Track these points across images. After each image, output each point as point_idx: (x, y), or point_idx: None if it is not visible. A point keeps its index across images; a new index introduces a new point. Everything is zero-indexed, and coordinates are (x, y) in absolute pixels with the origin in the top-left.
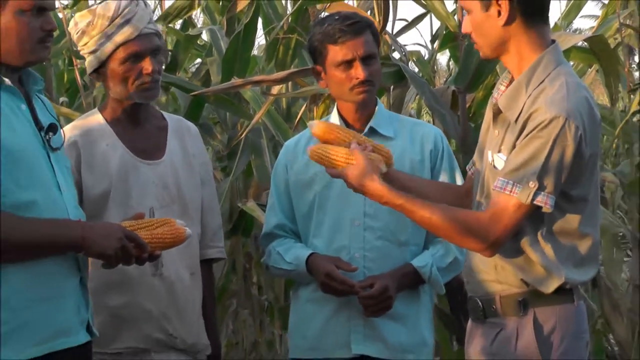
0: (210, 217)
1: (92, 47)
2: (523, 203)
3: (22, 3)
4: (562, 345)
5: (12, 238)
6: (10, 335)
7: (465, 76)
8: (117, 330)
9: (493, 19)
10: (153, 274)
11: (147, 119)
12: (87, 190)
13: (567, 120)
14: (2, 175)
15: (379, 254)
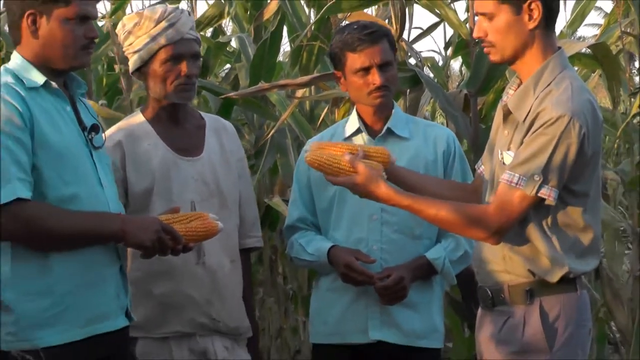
0: (248, 209)
1: (136, 47)
2: (528, 195)
3: (67, 12)
4: (567, 332)
5: (58, 229)
6: (56, 319)
7: (476, 81)
8: (163, 316)
9: (523, 22)
10: (196, 263)
11: (186, 118)
12: (132, 186)
13: (571, 119)
14: (48, 170)
15: (395, 246)
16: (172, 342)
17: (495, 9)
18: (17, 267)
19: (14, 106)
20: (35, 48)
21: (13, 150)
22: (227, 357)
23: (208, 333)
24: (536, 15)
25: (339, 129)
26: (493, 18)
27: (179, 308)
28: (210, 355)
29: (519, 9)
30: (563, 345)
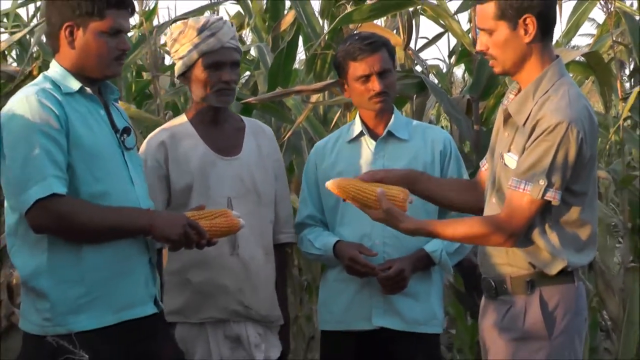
0: (282, 207)
1: (181, 54)
2: (535, 199)
3: (102, 25)
4: (565, 320)
5: (89, 222)
6: (89, 306)
7: (478, 86)
8: (199, 303)
9: (520, 37)
10: (230, 254)
11: (225, 121)
12: (173, 183)
13: (569, 125)
14: (82, 169)
15: (396, 240)
16: (208, 327)
17: (494, 24)
18: (52, 257)
19: (51, 110)
20: (71, 57)
21: (50, 150)
22: (260, 342)
23: (241, 320)
24: (531, 30)
25: (344, 132)
26: (492, 33)
27: (214, 296)
28: (243, 341)
29: (515, 25)
30: (561, 332)
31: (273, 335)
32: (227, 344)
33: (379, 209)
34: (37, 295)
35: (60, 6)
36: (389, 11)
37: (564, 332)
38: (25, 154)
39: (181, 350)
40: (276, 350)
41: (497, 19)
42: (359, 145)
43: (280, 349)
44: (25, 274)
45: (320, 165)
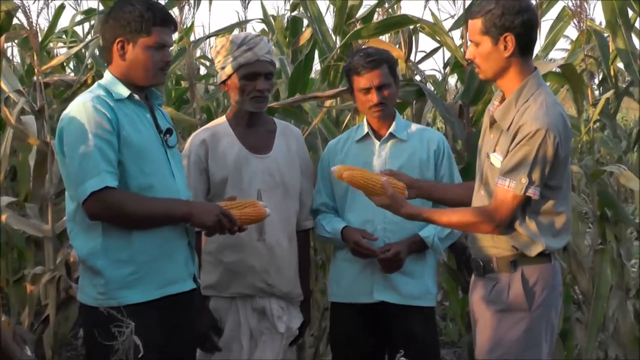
0: (307, 199)
1: (222, 64)
2: (518, 194)
3: (149, 41)
4: (543, 294)
5: (138, 212)
6: (137, 283)
7: (468, 94)
8: (230, 280)
9: (500, 51)
10: (258, 240)
11: (259, 123)
12: (212, 176)
13: (547, 131)
14: (130, 165)
15: (396, 226)
16: (238, 301)
17: (480, 38)
18: (106, 240)
19: (104, 114)
20: (122, 68)
21: (103, 149)
22: (282, 315)
23: (266, 295)
24: (510, 46)
25: (353, 133)
26: (478, 45)
27: (243, 274)
28: (267, 313)
29: (496, 40)
30: (540, 305)
31: (295, 309)
32: (254, 316)
33: (384, 195)
34: (93, 273)
35: (114, 24)
36: (392, 28)
37: (542, 305)
38: (83, 152)
39: (215, 319)
40: (297, 321)
41: (482, 33)
42: (366, 145)
43: (301, 320)
44: (83, 254)
45: (332, 161)
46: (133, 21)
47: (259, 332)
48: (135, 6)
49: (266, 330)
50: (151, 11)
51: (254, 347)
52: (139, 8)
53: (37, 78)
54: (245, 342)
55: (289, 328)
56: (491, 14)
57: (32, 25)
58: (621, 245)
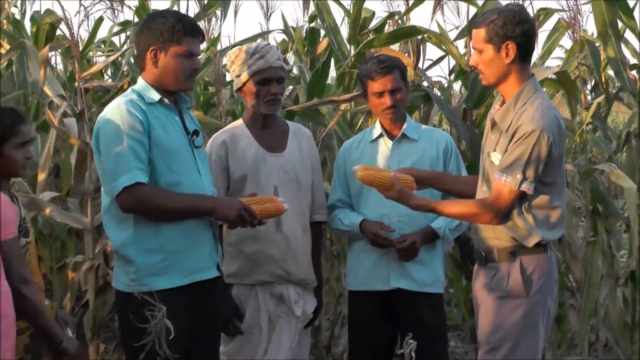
0: (318, 194)
1: (237, 72)
2: (513, 189)
3: (179, 49)
4: (539, 282)
5: (166, 205)
6: (166, 270)
7: (472, 98)
8: (250, 268)
9: (502, 58)
10: (275, 231)
11: (274, 125)
12: (232, 174)
13: (542, 132)
14: (160, 163)
15: (409, 219)
16: (257, 288)
17: (483, 46)
18: (137, 231)
19: (137, 116)
20: (154, 74)
21: (135, 148)
22: (298, 299)
23: (283, 282)
24: (511, 54)
25: (367, 134)
26: (481, 52)
27: (262, 263)
28: (285, 298)
29: (498, 48)
30: (537, 292)
31: (309, 294)
32: (272, 301)
33: (393, 190)
34: (125, 261)
35: (147, 34)
36: (402, 38)
37: (539, 292)
38: (117, 151)
39: (237, 305)
40: (311, 305)
41: (485, 42)
42: (379, 144)
43: (315, 304)
44: (116, 244)
45: (348, 160)
46: (165, 31)
47: (277, 316)
48: (168, 18)
49: (284, 314)
50: (182, 23)
51: (273, 330)
52: (171, 20)
53: (78, 84)
54: (265, 326)
55: (304, 312)
56: (494, 23)
57: (74, 36)
58: (611, 238)
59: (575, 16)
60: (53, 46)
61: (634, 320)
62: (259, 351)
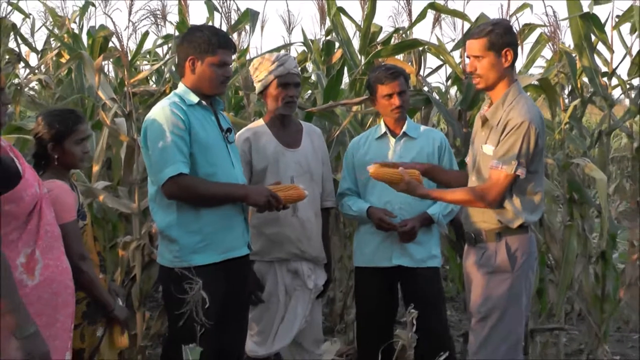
0: (328, 183)
1: (260, 78)
2: (509, 174)
3: (213, 59)
4: (522, 259)
5: (205, 193)
6: (204, 249)
7: (466, 101)
8: (270, 247)
9: (502, 63)
10: (292, 215)
11: (290, 124)
12: (254, 167)
13: (530, 123)
14: (199, 156)
15: (409, 206)
16: (275, 264)
17: (483, 53)
18: (180, 215)
19: (179, 116)
20: (192, 80)
21: (178, 143)
22: (311, 274)
23: (298, 259)
24: (509, 58)
25: (372, 132)
26: (481, 59)
27: (280, 243)
28: (299, 273)
29: (499, 54)
30: (520, 267)
31: (320, 269)
32: (288, 276)
33: (402, 182)
34: (169, 241)
35: (187, 45)
36: (406, 50)
37: (522, 268)
38: (162, 146)
39: (258, 278)
40: (322, 279)
41: (487, 49)
42: (383, 142)
43: (325, 278)
44: (161, 226)
45: (356, 154)
46: (202, 44)
47: (292, 289)
48: (204, 32)
49: (298, 287)
50: (216, 36)
51: (289, 300)
52: (207, 34)
53: (127, 89)
54: (282, 297)
55: (316, 285)
56: (494, 33)
57: (123, 48)
58: (585, 222)
59: (555, 30)
60: (106, 56)
61: (604, 293)
62: (277, 318)
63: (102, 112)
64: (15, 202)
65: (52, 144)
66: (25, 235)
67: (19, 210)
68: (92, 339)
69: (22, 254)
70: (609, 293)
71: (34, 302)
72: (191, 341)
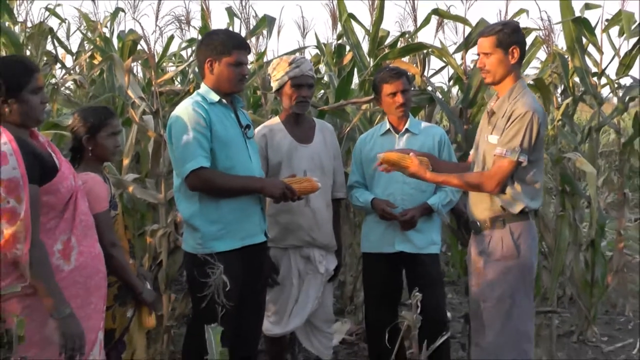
0: (338, 176)
1: (277, 77)
2: (513, 160)
3: (230, 60)
4: (526, 244)
5: (224, 185)
6: (224, 236)
7: (466, 100)
8: (284, 235)
9: (509, 60)
10: (305, 205)
11: (303, 122)
12: (270, 161)
13: (533, 113)
14: (219, 151)
15: (410, 197)
16: (289, 250)
17: (492, 50)
18: (202, 206)
19: (200, 114)
20: (212, 80)
21: (199, 139)
22: (322, 260)
23: (310, 246)
24: (516, 56)
25: (377, 129)
26: (490, 56)
27: (293, 231)
28: (311, 259)
29: (506, 51)
30: (525, 252)
31: (331, 255)
32: (301, 261)
33: (412, 165)
34: (193, 229)
35: (205, 48)
36: (411, 52)
37: (526, 252)
38: (185, 141)
39: (274, 263)
40: (332, 264)
41: (495, 46)
42: (388, 137)
43: (335, 263)
44: (185, 216)
45: (363, 150)
46: (218, 46)
47: (305, 273)
48: (219, 35)
49: (310, 271)
50: (231, 38)
51: (302, 284)
52: (222, 36)
53: (154, 88)
54: (295, 280)
55: (327, 269)
56: (503, 32)
57: (151, 50)
58: (576, 212)
59: (549, 34)
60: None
61: (593, 279)
62: (291, 300)
63: (132, 110)
64: (53, 194)
65: (87, 136)
66: (62, 224)
67: (56, 201)
68: (122, 320)
69: (59, 241)
70: (597, 279)
71: (70, 286)
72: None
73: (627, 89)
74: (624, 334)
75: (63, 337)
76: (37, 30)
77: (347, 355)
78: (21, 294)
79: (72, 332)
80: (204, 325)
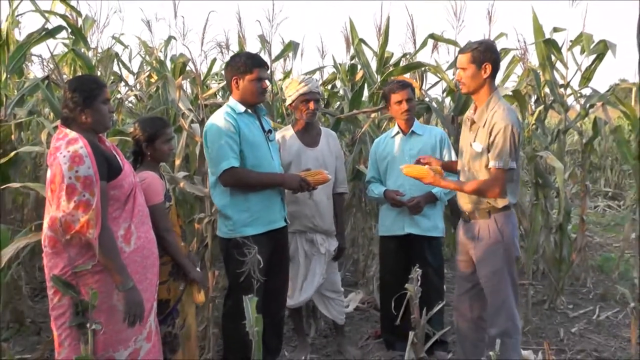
0: (340, 174)
1: (289, 94)
2: (505, 169)
3: (252, 76)
4: (508, 231)
5: (252, 181)
6: (252, 223)
7: (457, 109)
8: (291, 222)
9: (481, 74)
10: (309, 198)
11: (311, 129)
12: (283, 161)
13: (512, 125)
14: (246, 153)
15: (417, 187)
16: (296, 235)
17: (467, 65)
18: (233, 198)
19: (231, 122)
20: (239, 95)
21: (230, 143)
22: (324, 242)
23: (313, 231)
24: (488, 71)
25: (389, 133)
26: (466, 70)
27: (299, 218)
28: (315, 242)
29: (479, 67)
30: (508, 237)
31: (332, 239)
32: (307, 244)
33: (429, 176)
34: (225, 218)
35: (230, 69)
36: (412, 70)
37: (509, 237)
38: (218, 145)
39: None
40: (333, 246)
41: (470, 62)
42: (396, 139)
43: (336, 245)
44: (219, 206)
45: (377, 150)
46: (241, 66)
47: (311, 254)
48: (241, 57)
49: (315, 252)
50: (251, 59)
51: (309, 263)
52: (244, 58)
53: (200, 102)
54: (302, 260)
55: (328, 250)
56: (477, 50)
57: (197, 70)
58: (547, 201)
59: (524, 53)
60: (184, 77)
61: (561, 256)
62: (299, 276)
63: (182, 119)
64: (117, 189)
65: (146, 143)
66: (124, 214)
67: (120, 195)
68: (176, 292)
69: (122, 227)
70: (564, 256)
71: (130, 265)
72: (249, 292)
73: (587, 97)
74: (586, 302)
75: (127, 306)
76: (105, 54)
77: (360, 320)
78: (92, 271)
79: (135, 302)
80: (240, 296)
